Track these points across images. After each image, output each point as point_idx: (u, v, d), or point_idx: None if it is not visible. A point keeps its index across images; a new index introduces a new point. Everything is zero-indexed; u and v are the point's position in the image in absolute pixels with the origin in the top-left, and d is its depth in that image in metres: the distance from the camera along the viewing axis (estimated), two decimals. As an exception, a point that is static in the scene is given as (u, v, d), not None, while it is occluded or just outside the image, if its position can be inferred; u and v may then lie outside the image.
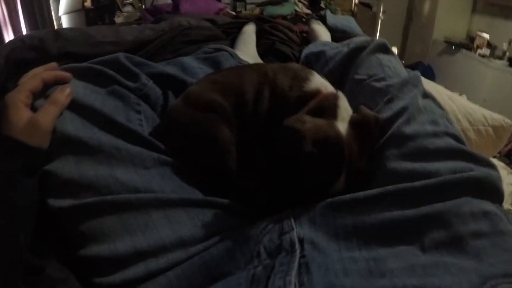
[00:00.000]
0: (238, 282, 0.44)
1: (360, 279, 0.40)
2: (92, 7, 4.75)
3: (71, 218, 0.52)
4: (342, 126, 0.56)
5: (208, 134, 0.61)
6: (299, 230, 0.49)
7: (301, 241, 0.48)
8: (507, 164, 2.72)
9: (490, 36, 3.73)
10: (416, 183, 0.50)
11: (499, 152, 2.88)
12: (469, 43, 3.97)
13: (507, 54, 3.52)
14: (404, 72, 0.77)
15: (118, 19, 4.28)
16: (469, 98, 3.36)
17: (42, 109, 0.53)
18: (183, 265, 0.50)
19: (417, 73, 0.73)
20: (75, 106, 0.56)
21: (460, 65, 3.92)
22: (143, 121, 0.65)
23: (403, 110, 0.62)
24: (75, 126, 0.55)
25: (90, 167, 0.53)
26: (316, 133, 0.51)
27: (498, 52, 3.66)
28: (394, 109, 0.64)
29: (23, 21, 4.37)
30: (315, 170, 0.53)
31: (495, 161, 2.56)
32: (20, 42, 0.96)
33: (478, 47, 3.74)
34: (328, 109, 0.58)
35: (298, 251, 0.46)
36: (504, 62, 3.52)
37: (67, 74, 0.59)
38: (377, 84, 0.73)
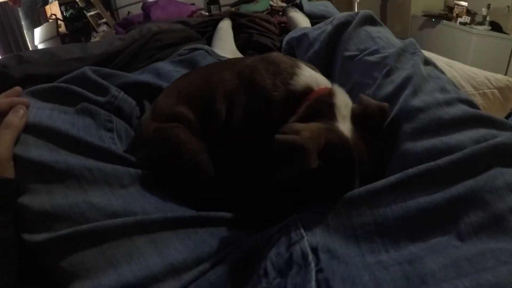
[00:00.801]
0: None
1: None
2: (67, 32, 4.73)
3: (50, 253, 0.46)
4: (344, 126, 0.48)
5: (173, 145, 0.55)
6: (310, 237, 0.42)
7: (314, 250, 0.40)
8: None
9: (468, 3, 3.73)
10: (440, 161, 0.43)
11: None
12: (448, 13, 3.98)
13: (488, 18, 3.52)
14: (397, 42, 0.70)
15: (95, 40, 4.24)
16: (457, 68, 3.38)
17: None
18: None
19: (413, 40, 0.66)
20: (40, 130, 0.52)
21: (442, 37, 3.90)
22: (115, 139, 0.60)
23: (406, 81, 0.55)
24: (40, 152, 0.50)
25: (62, 194, 0.48)
26: (317, 142, 0.43)
27: (478, 18, 3.66)
28: (396, 82, 0.57)
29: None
30: (324, 183, 0.45)
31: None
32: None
33: (457, 16, 3.74)
34: (324, 110, 0.49)
35: (313, 264, 0.38)
36: (486, 26, 3.52)
37: (24, 100, 0.54)
38: (371, 58, 0.66)
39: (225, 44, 1.10)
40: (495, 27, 3.50)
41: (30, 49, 4.78)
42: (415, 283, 0.33)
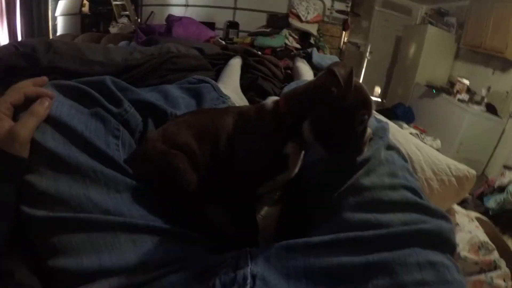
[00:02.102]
0: None
1: None
2: (89, 13, 4.75)
3: (43, 229, 0.54)
4: None
5: (172, 171, 0.62)
6: (253, 267, 0.53)
7: (253, 277, 0.51)
8: (478, 206, 2.81)
9: (470, 82, 3.90)
10: (366, 232, 0.53)
11: (471, 194, 2.96)
12: (449, 88, 4.14)
13: (485, 100, 3.69)
14: (373, 122, 0.79)
15: (113, 29, 4.30)
16: (445, 141, 3.50)
17: (21, 120, 0.55)
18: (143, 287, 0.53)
19: (385, 124, 0.76)
20: (58, 124, 0.59)
21: (439, 109, 4.06)
22: (119, 146, 0.67)
23: (365, 162, 0.65)
24: (56, 143, 0.57)
25: (66, 183, 0.56)
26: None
27: (476, 98, 3.81)
28: (357, 161, 0.66)
29: (19, 17, 4.24)
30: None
31: (466, 204, 2.61)
32: (13, 47, 0.98)
33: (458, 92, 3.89)
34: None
35: (249, 286, 0.50)
36: (482, 107, 3.68)
37: (50, 93, 0.60)
38: None
39: (231, 81, 1.20)
40: (491, 109, 3.65)
41: (50, 18, 4.73)
42: None
